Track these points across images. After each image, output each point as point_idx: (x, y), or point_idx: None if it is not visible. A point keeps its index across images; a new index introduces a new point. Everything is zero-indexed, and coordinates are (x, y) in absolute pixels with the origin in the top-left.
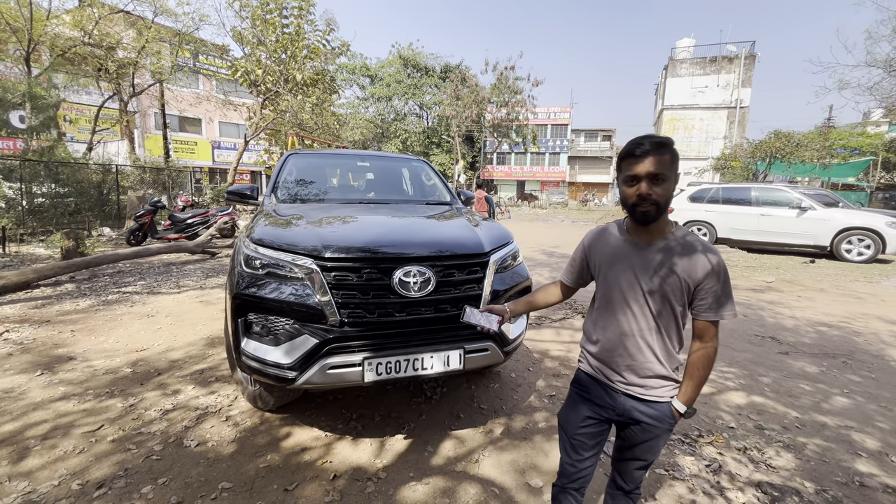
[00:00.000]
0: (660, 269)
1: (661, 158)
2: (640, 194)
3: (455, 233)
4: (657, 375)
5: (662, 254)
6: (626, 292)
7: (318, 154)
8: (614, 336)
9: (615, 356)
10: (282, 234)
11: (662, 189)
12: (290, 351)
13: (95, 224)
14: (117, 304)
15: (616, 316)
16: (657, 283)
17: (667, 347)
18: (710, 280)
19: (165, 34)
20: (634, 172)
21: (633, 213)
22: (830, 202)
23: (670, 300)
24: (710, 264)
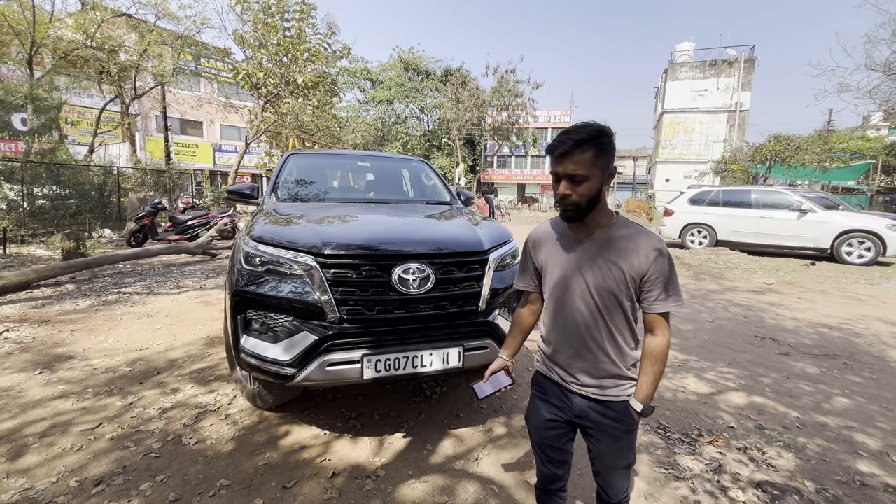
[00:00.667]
0: (602, 263)
1: (582, 157)
2: (560, 194)
3: (455, 231)
4: (611, 375)
5: (603, 246)
6: (571, 290)
7: (319, 154)
8: (564, 337)
9: (567, 357)
10: (282, 232)
11: (584, 188)
12: (289, 348)
13: (96, 226)
14: (117, 304)
15: (564, 315)
16: (601, 278)
17: (618, 345)
18: (654, 270)
19: (167, 37)
20: (554, 171)
21: (560, 211)
22: (831, 205)
23: (616, 294)
24: (653, 253)
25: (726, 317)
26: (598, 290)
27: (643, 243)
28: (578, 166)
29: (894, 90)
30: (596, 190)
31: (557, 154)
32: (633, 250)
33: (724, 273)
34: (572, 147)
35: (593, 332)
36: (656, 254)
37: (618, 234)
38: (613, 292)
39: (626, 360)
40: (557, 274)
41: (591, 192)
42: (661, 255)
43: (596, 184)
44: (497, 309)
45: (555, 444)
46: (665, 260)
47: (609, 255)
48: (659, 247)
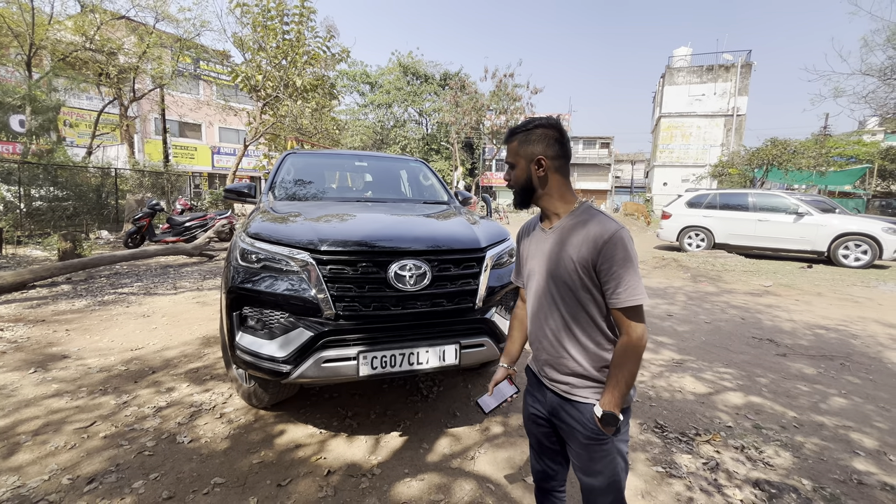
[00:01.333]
0: (556, 253)
1: (510, 147)
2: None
3: (451, 228)
4: (575, 374)
5: (559, 236)
6: (536, 281)
7: (316, 154)
8: (534, 329)
9: (536, 350)
10: (278, 229)
11: (515, 174)
12: (284, 344)
13: (93, 227)
14: (113, 304)
15: (533, 307)
16: (554, 268)
17: (579, 341)
18: (603, 259)
19: (167, 40)
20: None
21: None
22: (827, 208)
23: (570, 286)
24: (600, 240)
25: (724, 318)
26: (554, 281)
27: (591, 230)
28: (509, 154)
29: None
30: (524, 177)
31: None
32: (582, 238)
33: (722, 275)
34: (507, 137)
35: (552, 325)
36: (603, 241)
37: (572, 223)
38: (567, 283)
39: (591, 360)
40: (528, 266)
41: (521, 178)
42: (610, 243)
43: (522, 171)
44: (494, 307)
45: (542, 440)
46: (614, 247)
47: (562, 245)
48: (608, 233)
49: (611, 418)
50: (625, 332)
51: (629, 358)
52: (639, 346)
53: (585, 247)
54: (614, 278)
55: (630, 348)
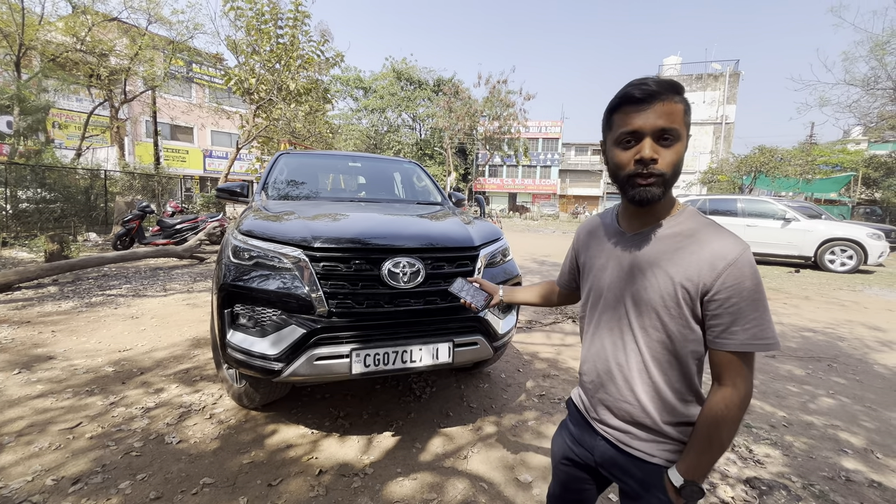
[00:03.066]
0: (645, 266)
1: (675, 108)
2: (641, 159)
3: (445, 227)
4: (638, 424)
5: (652, 244)
6: (605, 298)
7: (310, 154)
8: (591, 356)
9: (590, 383)
10: (271, 227)
11: (675, 154)
12: (276, 342)
13: (81, 229)
14: (101, 306)
15: (593, 329)
16: (641, 290)
17: (656, 386)
18: (724, 287)
19: (159, 42)
20: (635, 127)
21: (628, 189)
22: (814, 214)
23: (659, 313)
24: (722, 261)
25: None
26: (634, 303)
27: (710, 245)
28: (673, 119)
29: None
30: (682, 160)
31: (643, 96)
32: (693, 253)
33: None
34: (666, 90)
35: (620, 358)
36: (728, 262)
37: (676, 230)
38: (656, 309)
39: (666, 412)
40: (594, 279)
41: (680, 159)
42: (737, 266)
43: (683, 150)
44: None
45: (569, 485)
46: (743, 272)
47: (656, 257)
48: (734, 253)
49: (693, 493)
50: (729, 382)
51: (732, 418)
52: (746, 403)
53: (698, 266)
54: (735, 312)
55: (733, 405)
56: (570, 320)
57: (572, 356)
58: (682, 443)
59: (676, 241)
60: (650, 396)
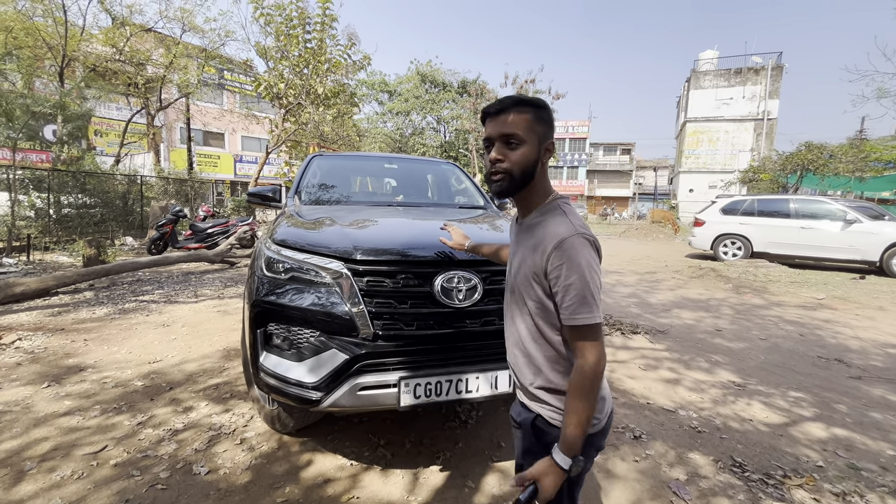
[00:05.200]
0: (520, 251)
1: (518, 117)
2: (491, 160)
3: (501, 235)
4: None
5: (525, 232)
6: (505, 278)
7: (343, 156)
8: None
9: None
10: (307, 235)
11: (519, 155)
12: (315, 368)
13: (118, 233)
14: (133, 312)
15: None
16: (516, 272)
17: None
18: (552, 268)
19: (192, 50)
20: (487, 134)
21: (490, 185)
22: (875, 215)
23: (524, 290)
24: (550, 245)
25: (780, 335)
26: (513, 281)
27: (547, 232)
28: (515, 126)
29: None
30: (532, 161)
31: (493, 112)
32: (537, 238)
33: (767, 287)
34: (510, 105)
35: (511, 332)
36: (553, 246)
37: (534, 220)
38: (522, 287)
39: (535, 377)
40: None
41: (525, 160)
42: (559, 248)
43: (532, 153)
44: None
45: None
46: (564, 253)
47: (526, 243)
48: (560, 236)
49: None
50: (579, 354)
51: (583, 386)
52: (596, 371)
53: (539, 250)
54: (562, 289)
55: (584, 374)
56: (619, 332)
57: (627, 374)
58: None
59: (532, 228)
60: (525, 363)
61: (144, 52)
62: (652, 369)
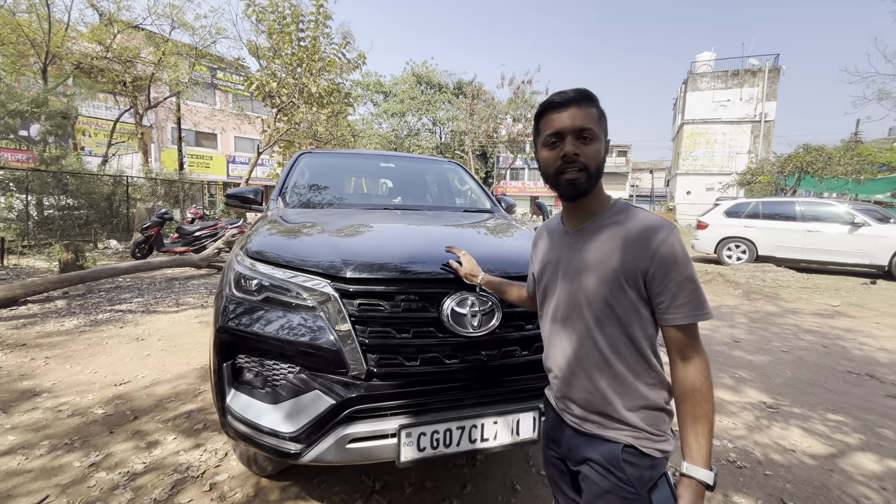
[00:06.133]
0: (588, 260)
1: (589, 111)
2: (564, 155)
3: (520, 245)
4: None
5: (591, 238)
6: (556, 295)
7: (335, 154)
8: (557, 358)
9: (561, 382)
10: (288, 246)
11: (594, 150)
12: (294, 413)
13: (102, 236)
14: (106, 324)
15: (558, 332)
16: (588, 283)
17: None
18: (658, 264)
19: (182, 48)
20: (557, 128)
21: (559, 185)
22: (882, 217)
23: (609, 302)
24: (653, 242)
25: (802, 346)
26: (586, 296)
27: (639, 229)
28: (588, 119)
29: None
30: (603, 158)
31: (561, 101)
32: (627, 240)
33: (778, 292)
34: (581, 98)
35: (580, 352)
36: (658, 242)
37: (609, 222)
38: (605, 298)
39: (628, 398)
40: (546, 276)
41: (599, 156)
42: (665, 244)
43: (602, 149)
44: None
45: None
46: (671, 248)
47: (597, 250)
48: (661, 232)
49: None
50: (692, 355)
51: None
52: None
53: (633, 250)
54: (673, 286)
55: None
56: None
57: None
58: (641, 429)
59: (610, 231)
60: (611, 385)
61: (132, 50)
62: None
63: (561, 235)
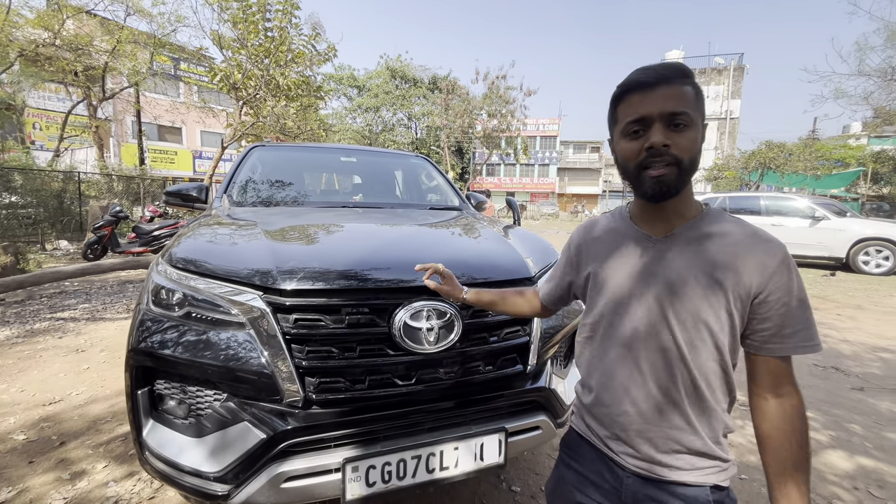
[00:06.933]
0: (688, 275)
1: (685, 91)
2: (651, 146)
3: (486, 247)
4: (689, 450)
5: (689, 248)
6: (634, 314)
7: (291, 147)
8: (618, 383)
9: (619, 415)
10: (217, 252)
11: (689, 140)
12: (219, 449)
13: (51, 237)
14: (44, 334)
15: (618, 351)
16: (686, 297)
17: (706, 404)
18: (775, 288)
19: (140, 37)
20: (643, 114)
21: (642, 183)
22: (839, 211)
23: (710, 326)
24: (773, 261)
25: None
26: (678, 315)
27: (754, 244)
28: (684, 102)
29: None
30: (699, 149)
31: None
32: (738, 255)
33: None
34: (675, 74)
35: (664, 381)
36: (778, 262)
37: (712, 230)
38: (705, 320)
39: (714, 429)
40: (613, 290)
41: (695, 147)
42: (786, 266)
43: (699, 138)
44: (548, 364)
45: None
46: (792, 273)
47: (699, 263)
48: (782, 252)
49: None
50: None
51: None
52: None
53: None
54: (787, 315)
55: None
56: None
57: None
58: (722, 460)
59: (715, 241)
60: (700, 417)
61: (84, 37)
62: None
63: (637, 240)
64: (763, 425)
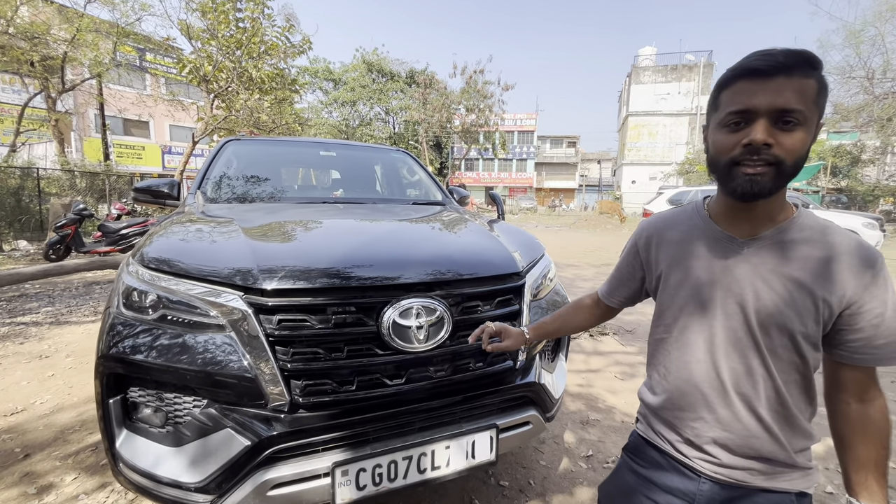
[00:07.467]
0: (774, 280)
1: (804, 84)
2: (750, 143)
3: (473, 242)
4: (768, 458)
5: (777, 252)
6: (713, 317)
7: (268, 141)
8: (692, 388)
9: (695, 422)
10: (193, 251)
11: (794, 140)
12: (200, 458)
13: (9, 237)
14: (3, 340)
15: (696, 355)
16: (771, 303)
17: (788, 412)
18: (875, 296)
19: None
20: (748, 105)
21: (732, 178)
22: (803, 204)
23: (794, 335)
24: (867, 269)
25: None
26: (762, 323)
27: (850, 252)
28: (798, 98)
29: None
30: (807, 151)
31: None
32: (833, 262)
33: None
34: (796, 62)
35: (745, 388)
36: (875, 273)
37: (805, 235)
38: (790, 328)
39: (794, 438)
40: (689, 291)
41: (803, 149)
42: (883, 277)
43: (809, 139)
44: (537, 358)
45: None
46: (888, 284)
47: (788, 268)
48: (876, 259)
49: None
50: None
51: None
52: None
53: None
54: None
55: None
56: (587, 335)
57: (607, 388)
58: (806, 468)
59: (810, 248)
60: (781, 425)
61: (41, 25)
62: (629, 378)
63: (719, 241)
64: (844, 428)
